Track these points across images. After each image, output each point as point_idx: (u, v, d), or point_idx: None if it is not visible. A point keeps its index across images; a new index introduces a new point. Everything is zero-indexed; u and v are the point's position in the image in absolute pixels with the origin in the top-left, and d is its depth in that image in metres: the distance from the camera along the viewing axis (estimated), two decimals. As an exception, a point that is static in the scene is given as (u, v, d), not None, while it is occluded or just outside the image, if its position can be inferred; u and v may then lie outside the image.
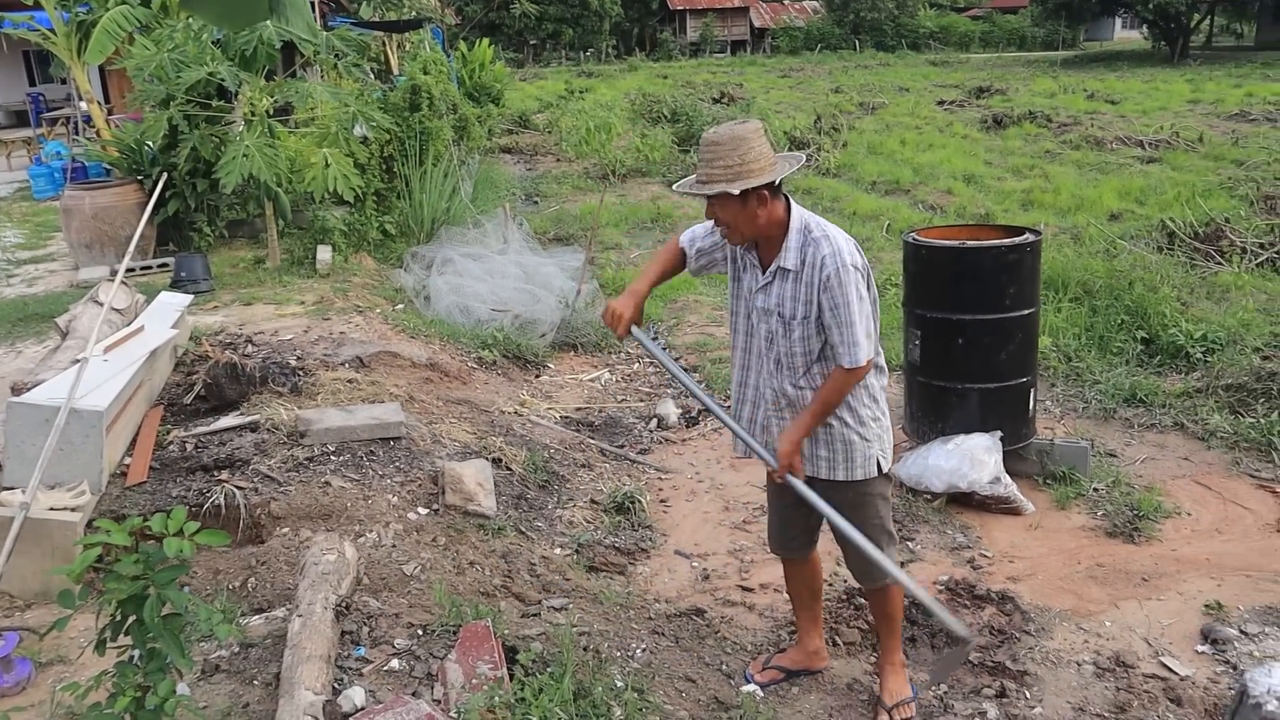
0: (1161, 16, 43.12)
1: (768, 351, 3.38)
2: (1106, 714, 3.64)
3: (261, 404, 5.33)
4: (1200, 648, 4.06)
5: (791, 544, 3.72)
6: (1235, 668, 3.90)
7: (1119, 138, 16.22)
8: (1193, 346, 6.89)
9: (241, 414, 5.26)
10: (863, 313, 3.20)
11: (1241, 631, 4.13)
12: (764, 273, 3.33)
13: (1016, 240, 5.23)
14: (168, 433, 5.16)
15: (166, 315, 5.95)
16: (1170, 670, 3.90)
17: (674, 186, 3.51)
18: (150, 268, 8.62)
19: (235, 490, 4.53)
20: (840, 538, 3.40)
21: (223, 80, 8.16)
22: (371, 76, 12.32)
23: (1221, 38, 54.01)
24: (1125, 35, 60.93)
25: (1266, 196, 11.15)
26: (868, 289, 3.26)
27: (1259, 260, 8.81)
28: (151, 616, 2.74)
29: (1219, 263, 8.85)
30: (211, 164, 8.58)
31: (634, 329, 3.43)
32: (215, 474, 4.74)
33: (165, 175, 7.87)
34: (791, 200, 3.27)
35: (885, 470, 3.47)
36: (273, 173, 7.89)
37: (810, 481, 3.40)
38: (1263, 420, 5.82)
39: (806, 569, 3.80)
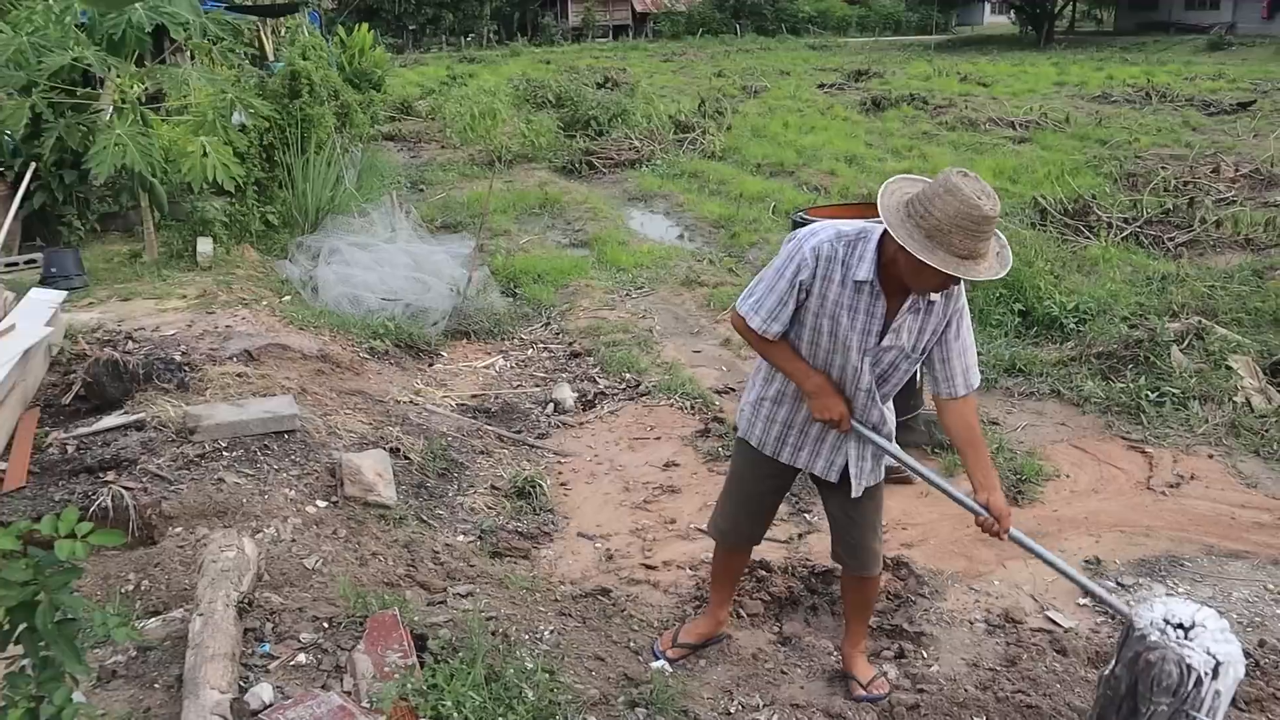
0: (1028, 2, 44.77)
1: (878, 383, 3.24)
2: (999, 668, 3.81)
3: (146, 402, 5.16)
4: (1082, 601, 4.28)
5: (756, 537, 3.80)
6: (1114, 618, 4.12)
7: (992, 119, 16.79)
8: (1066, 317, 7.21)
9: (125, 413, 5.08)
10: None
11: (1119, 584, 4.37)
12: (893, 309, 3.14)
13: (900, 218, 5.38)
14: (46, 435, 4.94)
15: (39, 313, 5.69)
16: (1055, 624, 4.10)
17: (778, 315, 3.17)
18: (16, 264, 8.21)
19: (123, 491, 4.37)
20: (852, 529, 3.54)
21: (89, 66, 7.82)
22: (248, 62, 11.93)
23: (1084, 23, 56.30)
24: (994, 20, 63.00)
25: (1129, 174, 11.71)
26: None
27: (1124, 234, 9.26)
28: (45, 623, 2.65)
29: (1087, 237, 9.26)
30: (79, 154, 8.21)
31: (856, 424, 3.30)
32: (100, 475, 4.57)
33: (32, 166, 7.50)
34: None
35: None
36: (147, 163, 7.59)
37: (864, 491, 3.44)
38: (1131, 385, 6.14)
39: (747, 555, 3.93)
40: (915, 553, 4.64)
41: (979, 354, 6.60)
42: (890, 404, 3.39)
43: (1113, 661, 1.57)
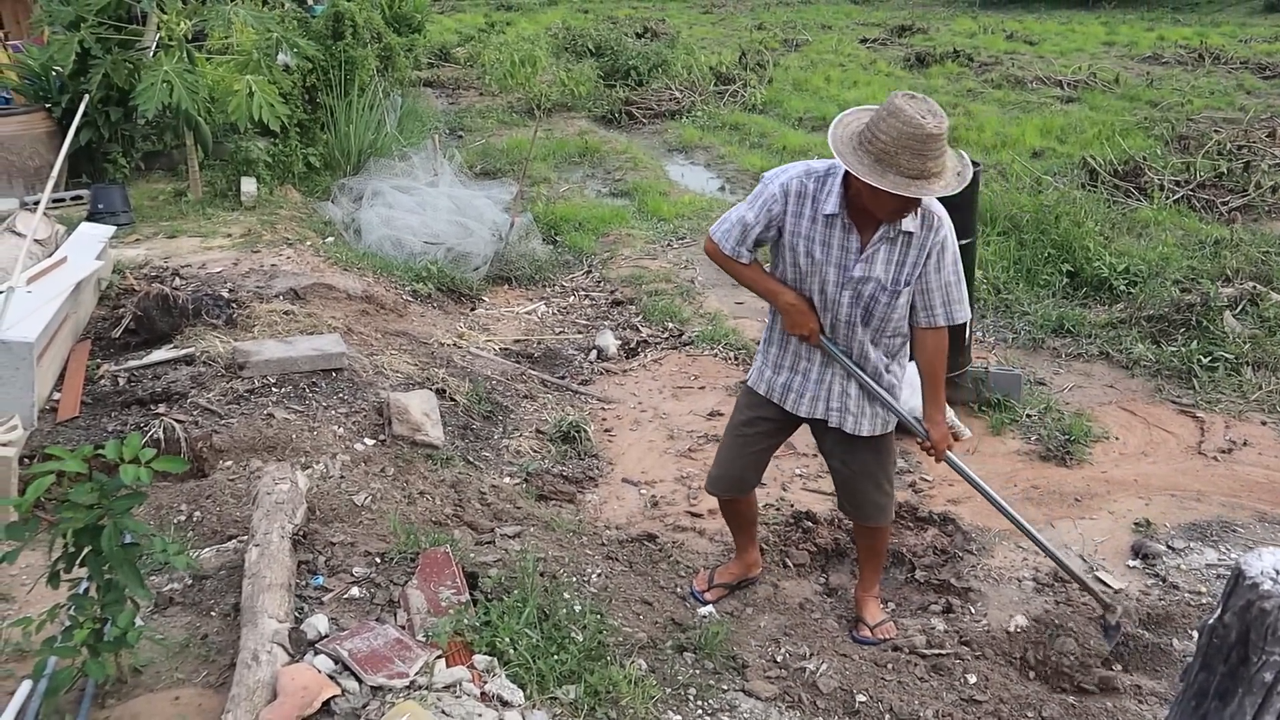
0: (1076, -41, 43.58)
1: (862, 319, 3.28)
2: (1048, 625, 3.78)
3: (195, 337, 5.19)
4: (1131, 563, 4.24)
5: (746, 487, 3.79)
6: (1165, 581, 4.09)
7: (1039, 77, 16.43)
8: (1116, 279, 7.09)
9: (175, 347, 5.11)
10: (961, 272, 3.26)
11: (1169, 547, 4.32)
12: (865, 240, 3.18)
13: (956, 171, 5.29)
14: (97, 367, 4.99)
15: (89, 247, 5.71)
16: (1105, 584, 4.06)
17: (748, 231, 3.24)
18: (63, 200, 8.24)
19: (175, 423, 4.41)
20: (855, 480, 3.58)
21: (136, 1, 7.78)
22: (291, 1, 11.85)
23: (1132, -19, 54.90)
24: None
25: (1180, 137, 11.45)
26: None
27: (1175, 197, 9.07)
28: (110, 546, 2.67)
29: (1138, 199, 9.09)
30: (125, 92, 8.21)
31: (824, 337, 3.33)
32: (151, 408, 4.61)
33: (83, 102, 7.50)
34: None
35: None
36: (193, 101, 7.58)
37: (860, 439, 3.47)
38: (1183, 349, 6.05)
39: (745, 502, 3.90)
40: (962, 509, 4.61)
41: (1025, 312, 6.63)
42: (886, 344, 3.37)
43: (1218, 610, 1.54)
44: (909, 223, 3.14)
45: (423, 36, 17.27)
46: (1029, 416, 5.42)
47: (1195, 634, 3.03)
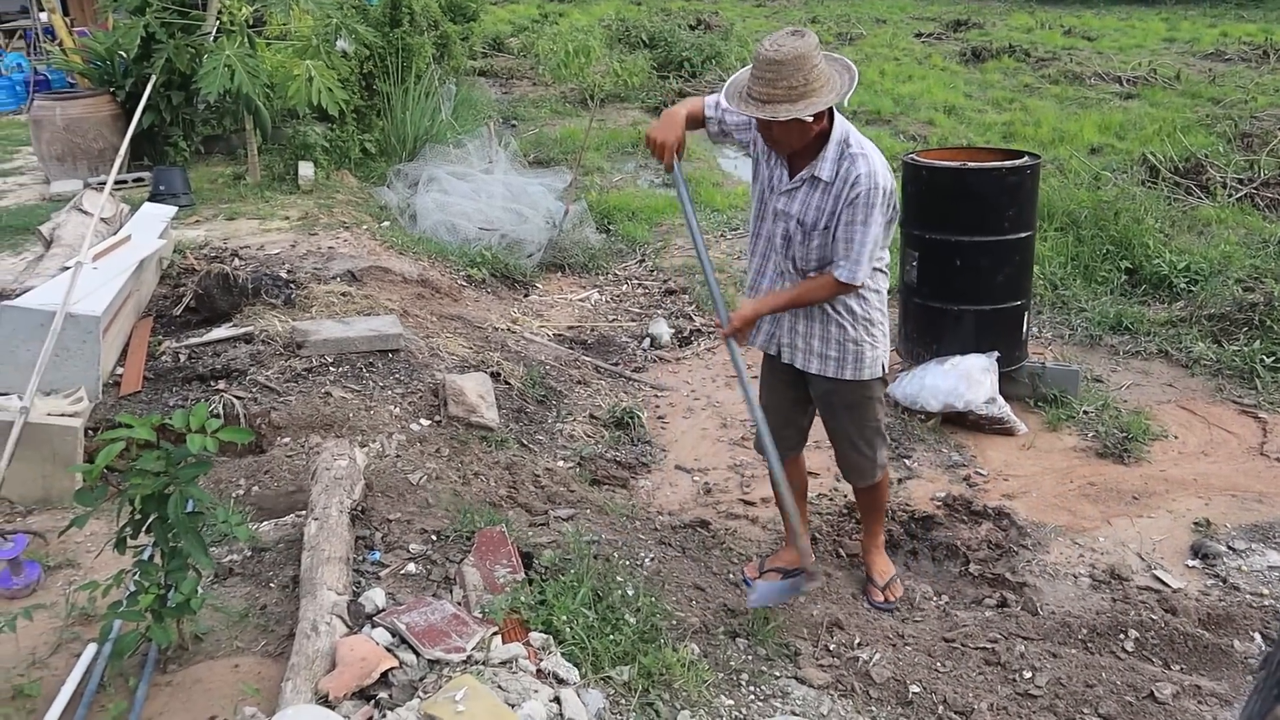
0: (1137, -46, 42.77)
1: (784, 250, 3.43)
2: (1104, 623, 3.73)
3: (255, 316, 5.26)
4: (1191, 563, 4.17)
5: (785, 443, 3.76)
6: (1225, 581, 4.02)
7: (1097, 73, 16.17)
8: (1176, 277, 6.97)
9: (235, 325, 5.19)
10: (873, 237, 3.25)
11: (1230, 548, 4.24)
12: (791, 177, 3.32)
13: (1017, 162, 5.24)
14: (159, 343, 5.08)
15: (152, 226, 5.82)
16: (1163, 583, 4.00)
17: (721, 103, 3.33)
18: (125, 181, 8.40)
19: (234, 400, 4.48)
20: (834, 436, 3.69)
21: (200, -14, 7.90)
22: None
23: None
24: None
25: (1244, 134, 11.21)
26: (888, 210, 3.29)
27: (1238, 195, 8.89)
28: (176, 513, 2.72)
29: (1199, 197, 8.92)
30: (186, 76, 8.34)
31: (677, 163, 3.39)
32: (212, 384, 4.68)
33: (149, 85, 7.63)
34: (835, 110, 3.22)
35: (884, 374, 3.63)
36: (254, 85, 7.68)
37: (817, 379, 3.56)
38: (1245, 349, 5.92)
39: (794, 468, 3.89)
40: (1018, 504, 4.55)
41: (1082, 308, 6.53)
42: (832, 321, 3.45)
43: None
44: (825, 170, 3.22)
45: (478, 25, 17.35)
46: (1086, 413, 5.34)
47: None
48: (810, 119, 3.07)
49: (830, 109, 3.18)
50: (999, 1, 29.12)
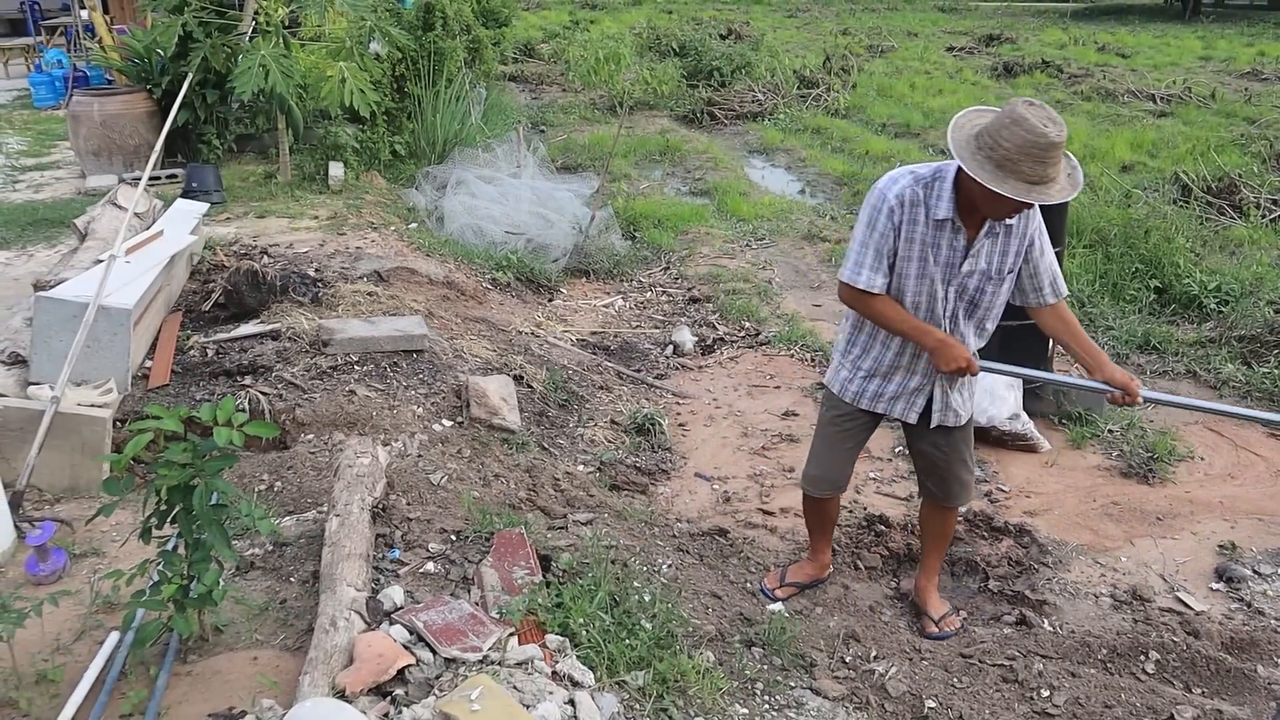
0: (1174, -28, 42.44)
1: (968, 313, 3.35)
2: (1125, 644, 3.70)
3: (282, 313, 5.30)
4: (1215, 585, 4.13)
5: (842, 483, 3.82)
6: (1250, 606, 3.97)
7: (1130, 91, 16.07)
8: (1206, 297, 6.91)
9: (262, 322, 5.23)
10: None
11: (1255, 571, 4.19)
12: (972, 238, 3.24)
13: (1047, 179, 5.20)
14: (188, 338, 5.12)
15: (184, 222, 5.88)
16: (1186, 605, 3.96)
17: (867, 264, 3.24)
18: (159, 178, 8.49)
19: (260, 395, 4.52)
20: (949, 465, 3.66)
21: (238, -13, 7.99)
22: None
23: (1234, -4, 53.34)
24: (1135, -10, 60.07)
25: (1279, 155, 11.11)
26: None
27: (1273, 216, 8.81)
28: (200, 505, 2.75)
29: (1232, 217, 8.84)
30: (221, 75, 8.43)
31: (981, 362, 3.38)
32: (238, 379, 4.73)
33: (185, 83, 7.72)
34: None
35: None
36: (288, 86, 7.76)
37: (953, 430, 3.60)
38: (1276, 371, 5.86)
39: (835, 502, 3.95)
40: (1039, 521, 4.52)
41: (1109, 326, 6.49)
42: (988, 330, 3.47)
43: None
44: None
45: (510, 31, 17.46)
46: (1111, 432, 5.31)
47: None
48: None
49: None
50: (1032, 17, 29.01)
